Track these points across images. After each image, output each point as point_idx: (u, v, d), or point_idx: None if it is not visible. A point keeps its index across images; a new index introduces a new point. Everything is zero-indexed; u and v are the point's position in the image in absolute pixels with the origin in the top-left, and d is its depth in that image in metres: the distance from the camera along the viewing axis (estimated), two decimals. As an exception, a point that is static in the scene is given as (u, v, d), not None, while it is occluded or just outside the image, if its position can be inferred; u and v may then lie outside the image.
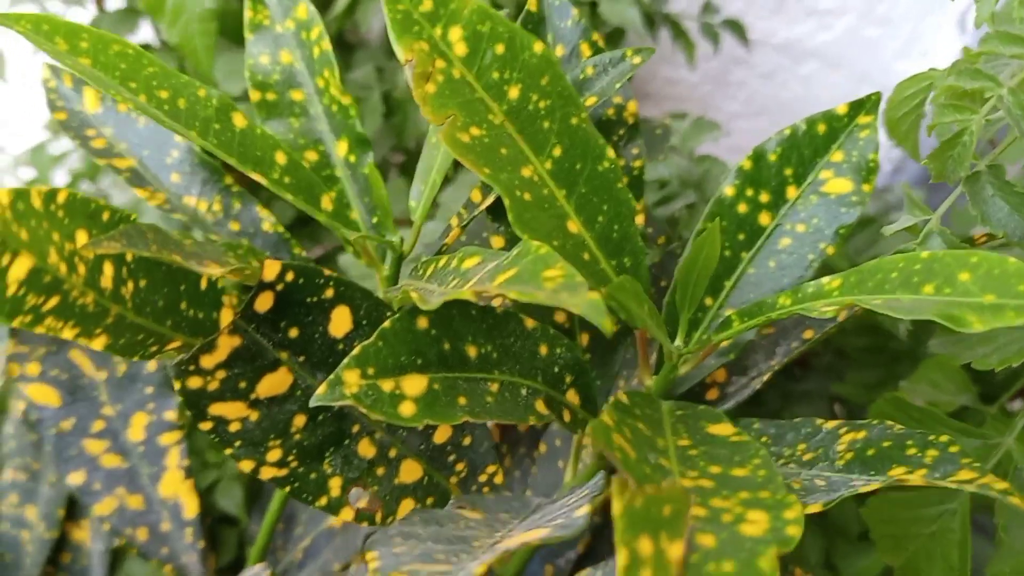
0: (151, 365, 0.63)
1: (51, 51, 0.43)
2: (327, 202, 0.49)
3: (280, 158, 0.48)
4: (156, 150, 0.54)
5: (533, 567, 0.63)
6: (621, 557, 0.28)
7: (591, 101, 0.50)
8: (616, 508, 0.28)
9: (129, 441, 0.64)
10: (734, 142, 0.95)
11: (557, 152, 0.44)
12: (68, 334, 0.38)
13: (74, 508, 0.71)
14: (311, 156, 0.54)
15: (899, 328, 0.50)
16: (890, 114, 0.51)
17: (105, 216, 0.38)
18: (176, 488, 0.64)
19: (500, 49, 0.43)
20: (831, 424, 0.42)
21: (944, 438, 0.37)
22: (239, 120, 0.47)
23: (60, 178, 1.03)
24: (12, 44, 0.90)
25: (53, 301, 0.37)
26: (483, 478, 0.50)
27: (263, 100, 0.54)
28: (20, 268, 0.36)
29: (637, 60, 0.50)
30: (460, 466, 0.50)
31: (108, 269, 0.39)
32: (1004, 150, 0.44)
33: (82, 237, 0.38)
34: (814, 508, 0.36)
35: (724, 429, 0.41)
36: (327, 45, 0.54)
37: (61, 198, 0.37)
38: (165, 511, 0.65)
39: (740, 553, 0.29)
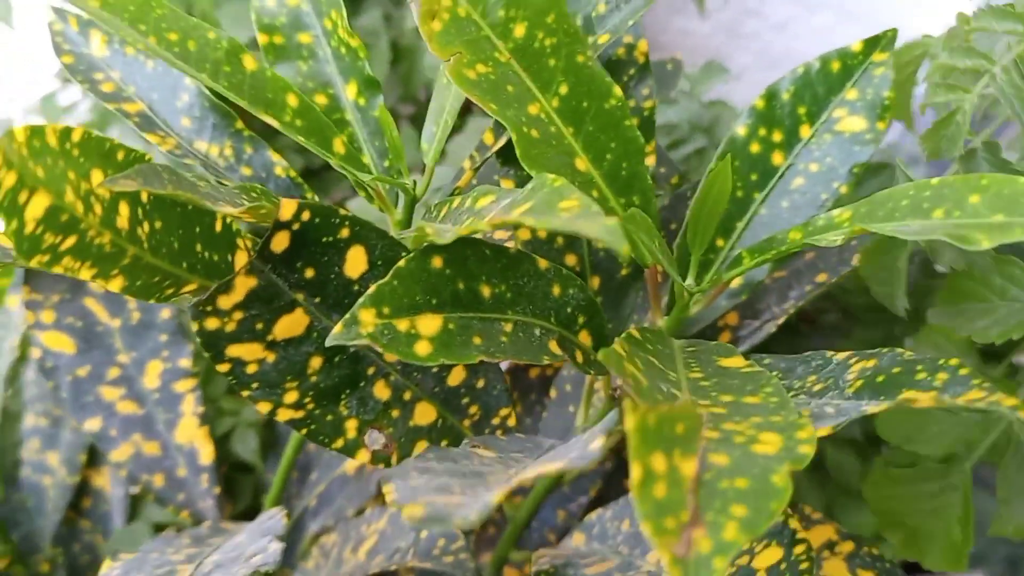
0: (165, 312, 0.64)
1: None
2: (339, 145, 0.49)
3: (292, 100, 0.48)
4: (166, 94, 0.53)
5: (546, 512, 0.63)
6: (635, 472, 0.28)
7: (604, 38, 0.50)
8: (629, 425, 0.29)
9: (144, 388, 0.65)
10: (746, 94, 0.95)
11: (563, 90, 0.44)
12: (86, 275, 0.38)
13: (95, 454, 0.72)
14: (320, 99, 0.54)
15: (897, 306, 0.50)
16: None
17: (120, 156, 0.38)
18: (191, 435, 0.65)
19: (504, -14, 0.43)
20: (842, 355, 0.43)
21: (954, 361, 0.38)
22: (249, 62, 0.47)
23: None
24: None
25: (70, 240, 0.37)
26: (496, 421, 0.51)
27: (271, 43, 0.54)
28: (38, 206, 0.36)
29: (649, -7, 0.50)
30: (473, 409, 0.50)
31: (124, 209, 0.39)
32: (997, 127, 0.44)
33: (97, 176, 0.38)
34: (824, 431, 0.36)
35: (736, 362, 0.41)
36: None
37: (76, 136, 0.37)
38: (181, 457, 0.65)
39: (754, 470, 0.30)
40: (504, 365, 0.55)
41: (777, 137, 0.48)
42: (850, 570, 0.44)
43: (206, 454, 0.65)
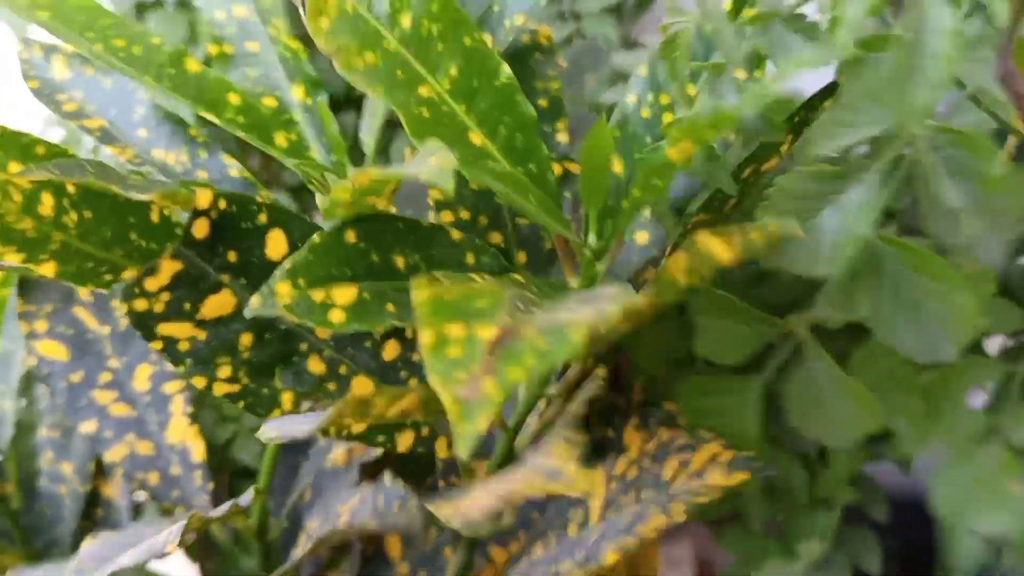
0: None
1: (11, 6, 0.47)
2: (281, 139, 0.53)
3: (233, 99, 0.52)
4: (122, 109, 0.58)
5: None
6: (426, 337, 0.30)
7: (519, 20, 0.53)
8: (417, 298, 0.31)
9: (135, 391, 0.69)
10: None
11: (453, 72, 0.48)
12: (14, 258, 0.42)
13: (102, 464, 0.76)
14: (270, 103, 0.58)
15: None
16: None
17: (40, 150, 0.43)
18: (183, 434, 0.69)
19: (389, -21, 0.47)
20: None
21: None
22: (192, 65, 0.51)
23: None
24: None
25: (-11, 226, 0.42)
26: (433, 392, 0.54)
27: (221, 53, 0.58)
28: (-52, 194, 0.40)
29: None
30: (413, 382, 0.53)
31: (47, 199, 0.43)
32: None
33: (14, 168, 0.42)
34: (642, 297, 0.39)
35: (610, 290, 0.43)
36: None
37: (-8, 131, 0.41)
38: (174, 456, 0.69)
39: (554, 332, 0.32)
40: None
41: (664, 100, 0.51)
42: (727, 474, 0.47)
43: (197, 452, 0.69)
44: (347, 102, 0.79)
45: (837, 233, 0.40)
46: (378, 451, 0.69)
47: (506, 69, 0.48)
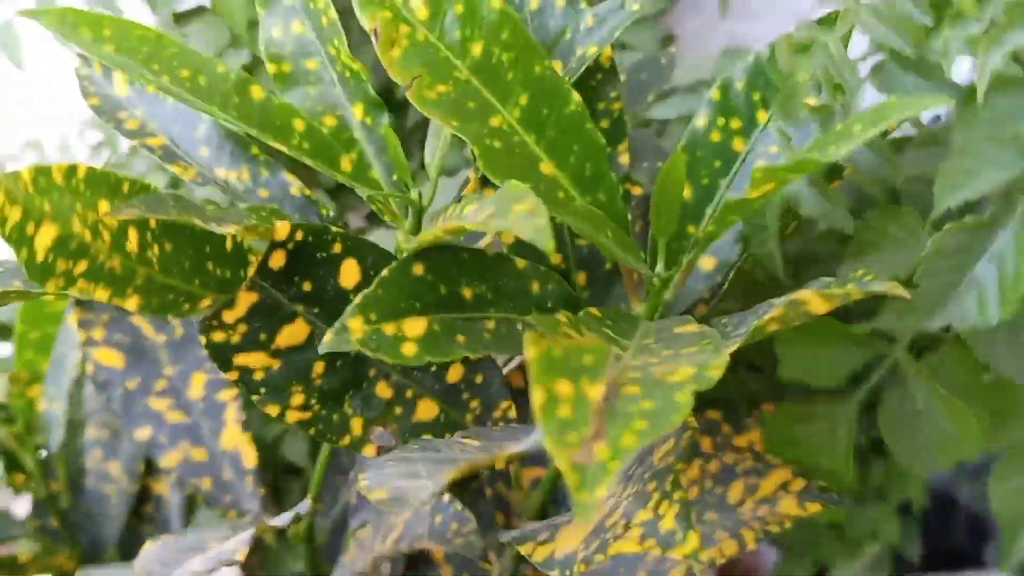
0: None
1: (78, 41, 0.47)
2: (346, 163, 0.54)
3: (298, 125, 0.52)
4: (185, 127, 0.58)
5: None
6: (538, 395, 0.31)
7: (591, 50, 0.53)
8: (530, 355, 0.31)
9: (190, 398, 0.70)
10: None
11: (523, 100, 0.48)
12: (102, 295, 0.43)
13: (152, 463, 0.77)
14: (329, 121, 0.57)
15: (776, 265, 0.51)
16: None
17: (125, 187, 0.43)
18: (235, 440, 0.70)
19: (460, 8, 0.47)
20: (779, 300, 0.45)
21: (860, 272, 0.41)
22: (256, 92, 0.51)
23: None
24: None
25: (82, 265, 0.42)
26: (498, 413, 0.54)
27: (279, 71, 0.58)
28: (46, 236, 0.41)
29: (635, 7, 0.53)
30: (474, 403, 0.53)
31: (133, 235, 0.44)
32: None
33: (104, 206, 0.43)
34: (731, 347, 0.39)
35: (688, 328, 0.43)
36: (334, 14, 0.57)
37: (81, 173, 0.42)
38: (226, 462, 0.70)
39: (660, 394, 0.33)
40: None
41: (735, 125, 0.51)
42: (800, 504, 0.47)
43: (249, 458, 0.70)
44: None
45: (997, 280, 0.40)
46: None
47: (576, 96, 0.48)
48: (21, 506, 0.83)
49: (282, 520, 0.58)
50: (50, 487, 0.77)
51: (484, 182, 0.56)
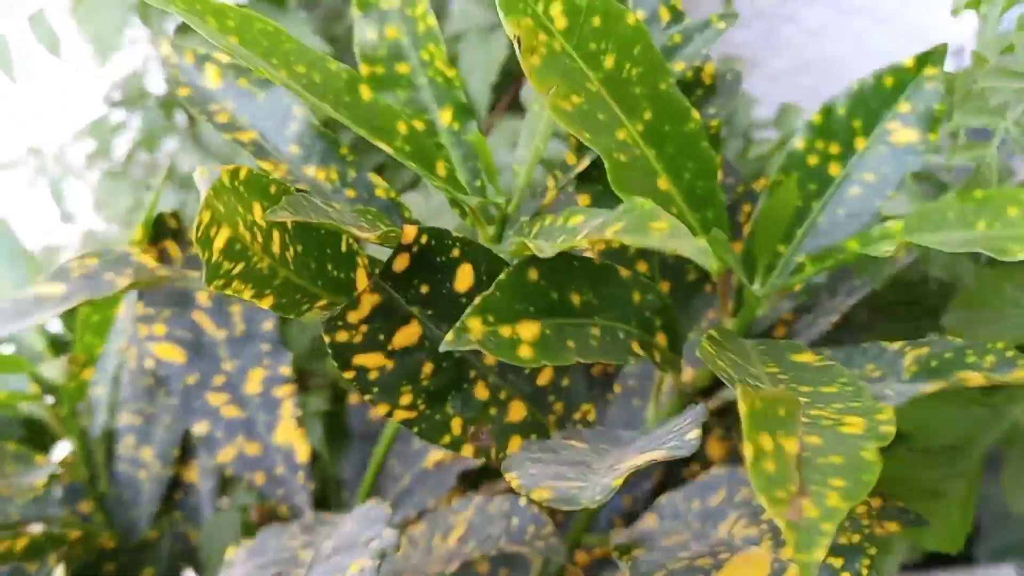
0: (267, 324, 0.70)
1: (203, 30, 0.48)
2: (441, 168, 0.55)
3: (401, 128, 0.53)
4: (276, 123, 0.59)
5: (614, 499, 0.69)
6: (749, 450, 0.33)
7: (679, 67, 0.55)
8: (742, 409, 0.33)
9: (247, 394, 0.70)
10: (781, 97, 1.00)
11: (648, 116, 0.49)
12: (247, 295, 0.43)
13: (184, 451, 0.78)
14: (417, 125, 0.59)
15: (931, 279, 0.54)
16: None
17: (272, 189, 0.44)
18: (289, 436, 0.71)
19: (596, 21, 0.48)
20: (896, 345, 0.47)
21: (1001, 344, 0.42)
22: (365, 92, 0.52)
23: (120, 147, 1.08)
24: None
25: (239, 266, 0.43)
26: (578, 416, 0.55)
27: (372, 74, 0.58)
28: (221, 239, 0.41)
29: (722, 25, 0.55)
30: (558, 406, 0.55)
31: (276, 236, 0.45)
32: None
33: (257, 209, 0.43)
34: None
35: (807, 357, 0.46)
36: (432, 21, 0.58)
37: (242, 175, 0.42)
38: (279, 457, 0.71)
39: (845, 448, 0.34)
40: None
41: (834, 150, 0.53)
42: (878, 523, 0.49)
43: (302, 453, 0.71)
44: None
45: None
46: (477, 461, 0.71)
47: (695, 114, 0.50)
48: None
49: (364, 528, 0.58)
50: (90, 470, 0.77)
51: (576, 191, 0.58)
